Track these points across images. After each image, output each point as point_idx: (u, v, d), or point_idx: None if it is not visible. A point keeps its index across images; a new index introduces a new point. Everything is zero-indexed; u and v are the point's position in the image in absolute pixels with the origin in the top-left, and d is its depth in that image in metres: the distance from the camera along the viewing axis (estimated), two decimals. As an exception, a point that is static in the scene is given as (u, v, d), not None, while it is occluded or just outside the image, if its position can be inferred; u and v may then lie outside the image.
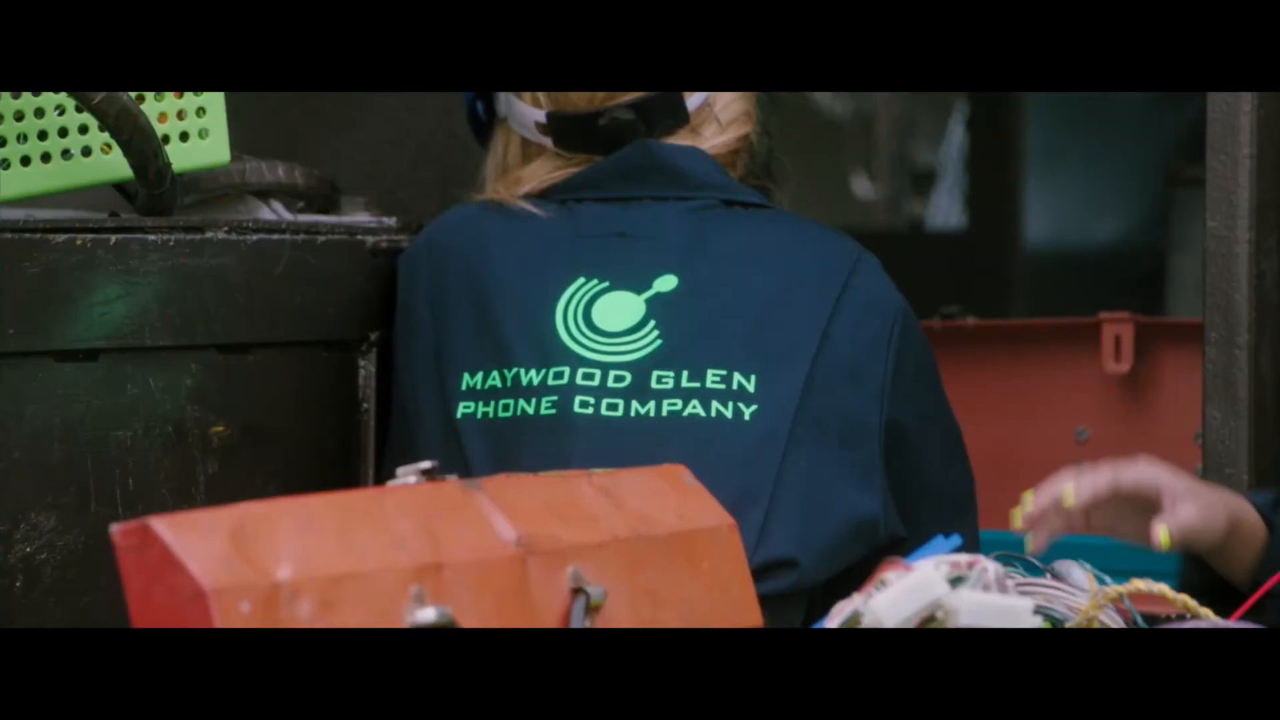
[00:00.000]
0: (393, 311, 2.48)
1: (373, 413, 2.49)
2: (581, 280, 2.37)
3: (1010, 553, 2.05)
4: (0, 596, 2.13)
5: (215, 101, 2.38)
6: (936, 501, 2.42)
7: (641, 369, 2.32)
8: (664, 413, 2.31)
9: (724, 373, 2.32)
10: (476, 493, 1.82)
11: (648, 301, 2.35)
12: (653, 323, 2.35)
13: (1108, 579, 1.98)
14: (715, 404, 2.31)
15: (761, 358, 2.33)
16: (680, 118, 2.43)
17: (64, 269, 2.19)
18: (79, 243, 2.21)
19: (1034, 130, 5.49)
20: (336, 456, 2.46)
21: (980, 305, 3.70)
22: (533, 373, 2.32)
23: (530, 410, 2.31)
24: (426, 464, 1.84)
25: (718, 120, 2.47)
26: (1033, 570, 2.04)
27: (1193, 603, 1.92)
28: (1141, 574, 1.93)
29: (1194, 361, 2.65)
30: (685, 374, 2.32)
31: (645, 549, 1.88)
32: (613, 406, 2.31)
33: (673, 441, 2.28)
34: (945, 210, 6.29)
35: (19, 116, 2.28)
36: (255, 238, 2.37)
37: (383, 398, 2.50)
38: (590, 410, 2.31)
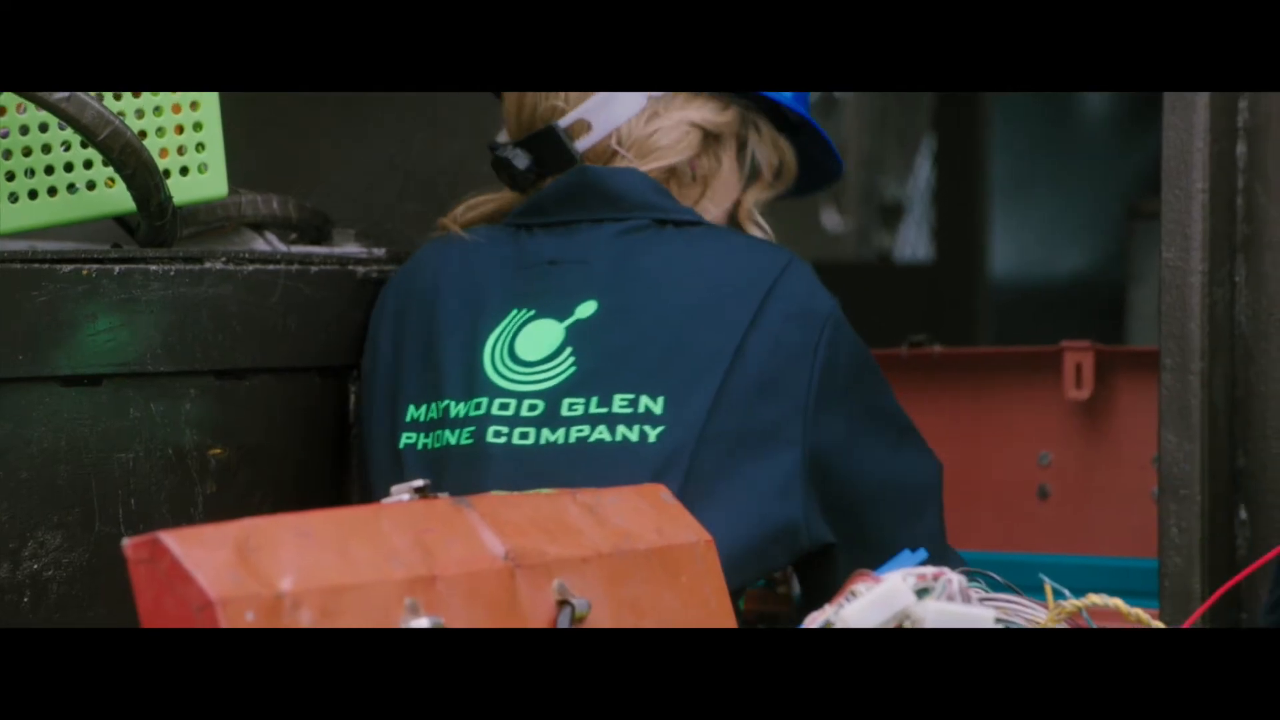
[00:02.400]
0: None
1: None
2: (514, 311, 2.38)
3: (974, 568, 2.10)
4: (8, 611, 2.17)
5: (214, 137, 2.41)
6: (890, 501, 2.40)
7: (554, 397, 2.32)
8: (572, 439, 2.31)
9: (631, 397, 2.31)
10: (467, 510, 1.88)
11: (567, 329, 2.35)
12: (569, 350, 2.34)
13: (1066, 593, 2.03)
14: (621, 428, 2.30)
15: (672, 379, 2.31)
16: (566, 159, 2.42)
17: (70, 298, 2.23)
18: (84, 273, 2.24)
19: (999, 165, 5.51)
20: (328, 477, 2.50)
21: (947, 334, 3.73)
22: (460, 405, 2.35)
23: (453, 441, 2.34)
24: (419, 482, 1.89)
25: (658, 144, 2.44)
26: (995, 586, 2.09)
27: (1146, 616, 1.97)
28: (1103, 592, 1.97)
29: (1152, 388, 2.67)
30: (595, 400, 2.31)
31: (627, 563, 1.94)
32: (524, 435, 2.32)
33: (579, 467, 2.29)
34: (913, 243, 6.32)
35: (27, 152, 2.31)
36: (251, 268, 2.41)
37: None
38: (503, 440, 2.32)
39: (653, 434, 2.29)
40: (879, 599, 1.84)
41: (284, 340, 2.44)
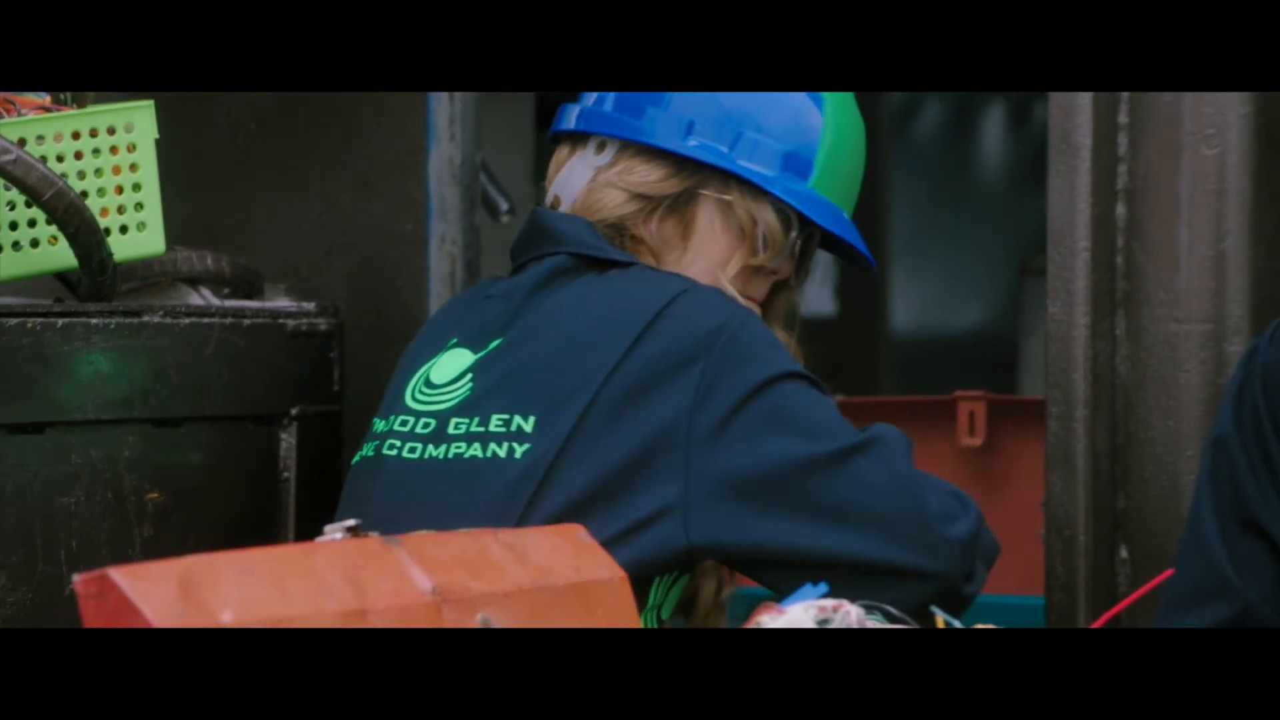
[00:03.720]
0: (311, 388, 2.59)
1: (293, 481, 2.60)
2: (452, 342, 2.45)
3: (872, 602, 2.18)
4: (-44, 647, 2.22)
5: (152, 197, 2.47)
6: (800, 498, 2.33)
7: (445, 417, 2.38)
8: (450, 455, 2.37)
9: (507, 417, 2.35)
10: (396, 548, 1.96)
11: (477, 358, 2.41)
12: (469, 376, 2.40)
13: (957, 623, 2.12)
14: (493, 445, 2.35)
15: (547, 400, 2.34)
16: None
17: (16, 349, 2.29)
18: (29, 325, 2.31)
19: (898, 225, 5.60)
20: (260, 520, 2.56)
21: (850, 385, 3.81)
22: (380, 422, 2.44)
23: (367, 454, 2.43)
24: (351, 521, 1.97)
25: (597, 204, 2.48)
26: (892, 619, 2.18)
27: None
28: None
29: (1040, 435, 2.75)
30: (476, 420, 2.37)
31: (546, 598, 2.01)
32: (412, 450, 2.39)
33: (450, 480, 2.34)
34: (817, 298, 6.43)
35: None
36: (188, 321, 2.47)
37: (302, 468, 2.60)
38: (395, 453, 2.40)
39: (519, 450, 2.34)
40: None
41: (218, 390, 2.51)
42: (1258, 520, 2.23)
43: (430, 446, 2.38)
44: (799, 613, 1.96)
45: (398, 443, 2.40)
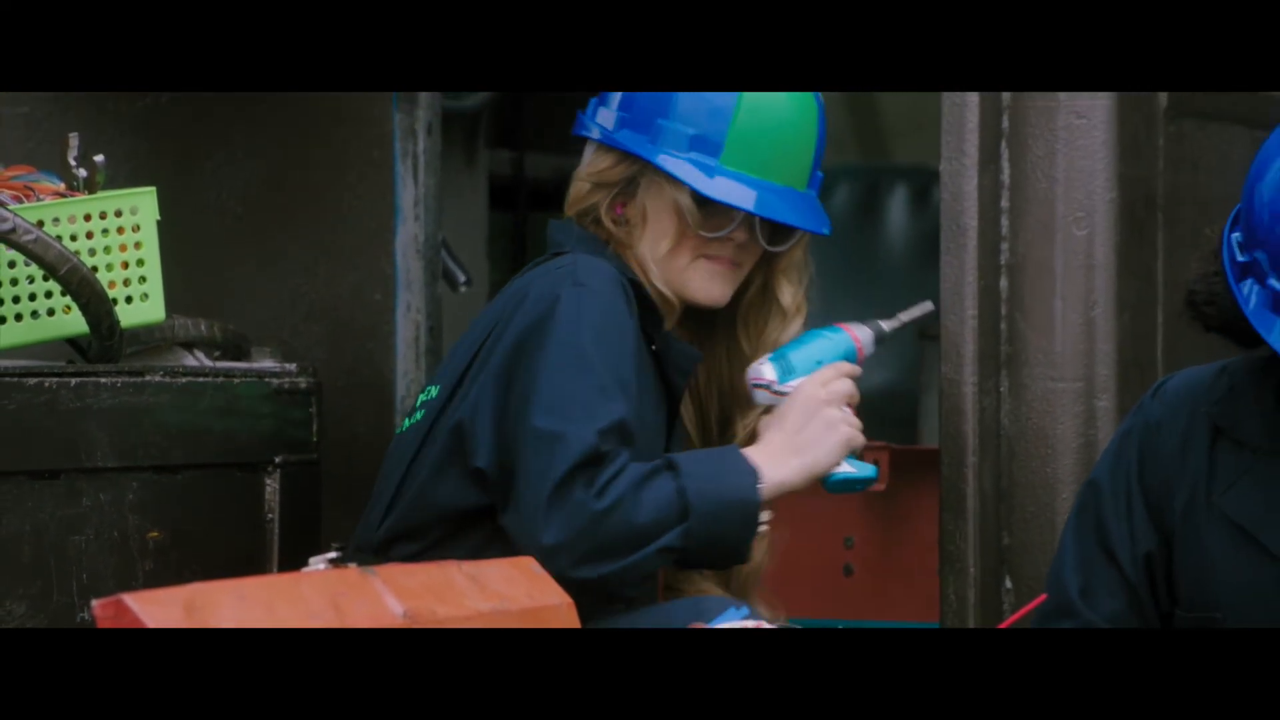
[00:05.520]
0: (293, 440, 2.65)
1: (277, 521, 2.64)
2: None
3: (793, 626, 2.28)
4: (-21, 668, 2.28)
5: (153, 270, 2.54)
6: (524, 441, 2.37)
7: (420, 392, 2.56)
8: (404, 426, 2.53)
9: (430, 389, 2.50)
10: (372, 577, 2.05)
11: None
12: (447, 356, 2.56)
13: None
14: (417, 414, 2.50)
15: (449, 372, 2.47)
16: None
17: (34, 405, 2.36)
18: (46, 384, 2.38)
19: (815, 294, 5.63)
20: (247, 556, 2.61)
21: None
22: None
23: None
24: (333, 554, 2.07)
25: (570, 197, 2.57)
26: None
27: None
28: None
29: (936, 480, 2.79)
30: (421, 394, 2.53)
31: (503, 621, 2.10)
32: (401, 422, 2.56)
33: (394, 447, 2.52)
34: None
35: None
36: (184, 380, 2.53)
37: (285, 510, 2.64)
38: (400, 426, 2.56)
39: (409, 423, 2.50)
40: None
41: (210, 441, 2.56)
42: (1115, 553, 2.33)
43: (408, 419, 2.53)
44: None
45: (404, 417, 2.57)
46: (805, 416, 2.44)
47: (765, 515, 2.38)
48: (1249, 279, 2.15)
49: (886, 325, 2.60)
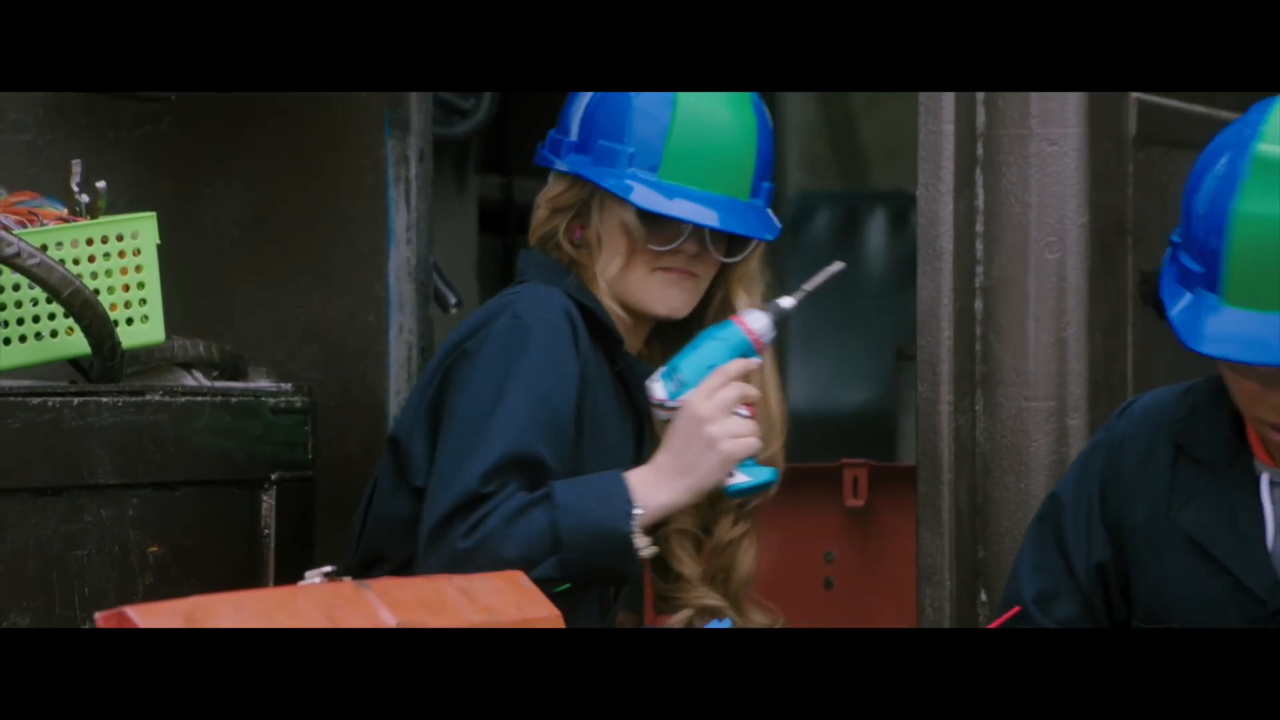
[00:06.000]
0: (288, 457, 2.67)
1: (273, 537, 2.66)
2: None
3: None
4: (-14, 680, 2.29)
5: (153, 293, 2.55)
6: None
7: None
8: None
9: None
10: (366, 590, 2.07)
11: None
12: None
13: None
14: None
15: (415, 397, 2.54)
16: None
17: (38, 424, 2.37)
18: (49, 404, 2.39)
19: (793, 316, 5.64)
20: (244, 570, 2.63)
21: (751, 456, 3.86)
22: None
23: None
24: (329, 568, 2.09)
25: (531, 224, 2.61)
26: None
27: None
28: None
29: (913, 497, 2.82)
30: None
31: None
32: None
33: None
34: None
35: (0, 307, 2.46)
36: (183, 399, 2.55)
37: (281, 525, 2.66)
38: None
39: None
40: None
41: (209, 458, 2.57)
42: (1071, 562, 2.37)
43: None
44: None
45: None
46: (686, 438, 2.46)
47: (642, 542, 2.40)
48: (1176, 264, 2.23)
49: (787, 302, 2.56)
